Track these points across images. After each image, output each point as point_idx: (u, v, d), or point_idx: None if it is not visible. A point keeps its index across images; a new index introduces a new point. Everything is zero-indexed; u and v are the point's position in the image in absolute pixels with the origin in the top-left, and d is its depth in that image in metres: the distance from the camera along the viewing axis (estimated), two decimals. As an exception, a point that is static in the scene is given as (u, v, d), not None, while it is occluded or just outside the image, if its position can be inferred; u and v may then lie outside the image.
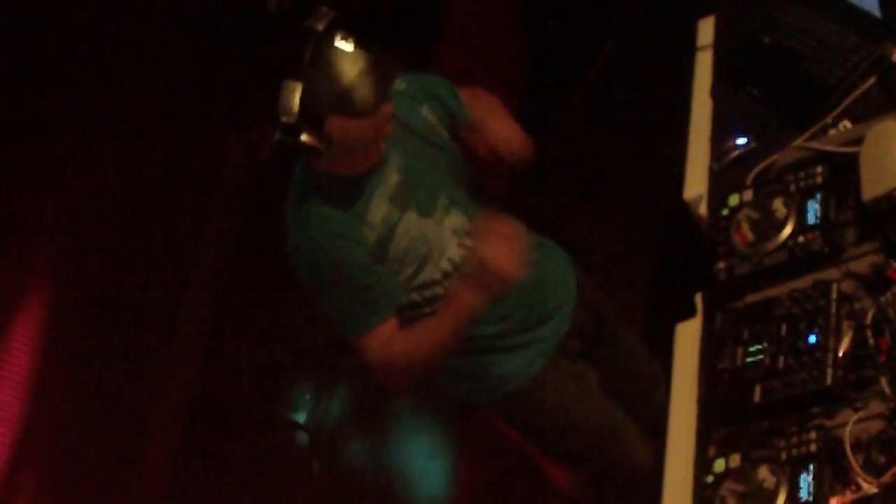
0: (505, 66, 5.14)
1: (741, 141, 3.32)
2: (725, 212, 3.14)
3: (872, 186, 2.78)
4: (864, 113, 3.11)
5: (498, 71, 5.00)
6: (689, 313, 3.17)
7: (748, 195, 3.12)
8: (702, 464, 2.81)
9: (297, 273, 3.11)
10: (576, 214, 4.77)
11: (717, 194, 3.25)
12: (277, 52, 2.95)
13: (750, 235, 3.02)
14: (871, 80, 3.17)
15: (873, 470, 2.51)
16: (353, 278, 3.06)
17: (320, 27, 2.90)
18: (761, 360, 2.81)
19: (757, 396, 2.77)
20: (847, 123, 3.15)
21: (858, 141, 2.93)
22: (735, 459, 2.72)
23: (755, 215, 3.05)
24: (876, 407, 2.59)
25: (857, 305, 2.76)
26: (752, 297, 2.95)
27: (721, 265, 3.05)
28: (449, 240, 3.17)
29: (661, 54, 3.68)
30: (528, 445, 3.59)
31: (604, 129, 4.75)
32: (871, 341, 2.67)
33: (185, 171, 4.93)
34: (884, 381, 2.60)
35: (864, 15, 3.23)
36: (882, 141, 2.84)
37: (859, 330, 2.70)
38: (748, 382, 2.80)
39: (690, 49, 3.72)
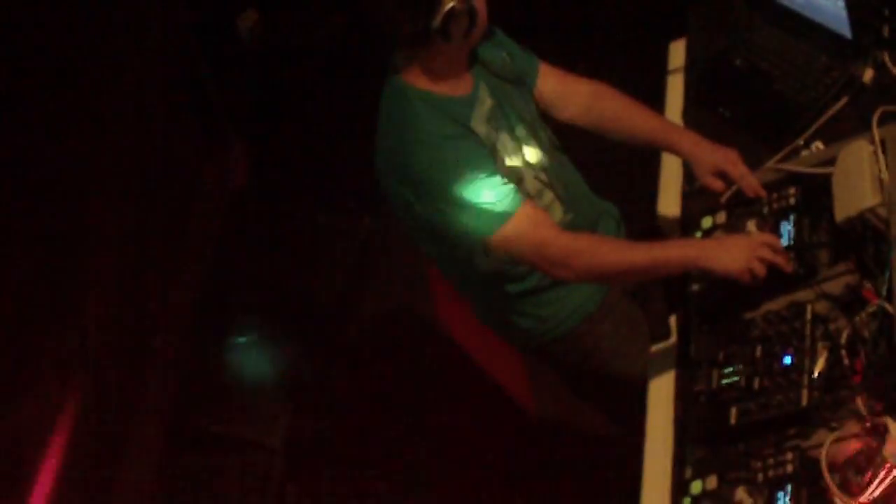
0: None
1: (714, 163, 3.32)
2: (699, 234, 3.15)
3: (845, 207, 2.79)
4: (837, 134, 3.12)
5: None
6: (664, 335, 3.17)
7: (721, 217, 3.13)
8: (679, 485, 2.81)
9: (397, 184, 3.07)
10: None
11: (690, 216, 3.26)
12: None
13: (724, 257, 3.02)
14: (843, 101, 3.19)
15: (850, 490, 2.51)
16: (483, 168, 3.02)
17: None
18: (737, 381, 2.81)
19: (733, 418, 2.77)
20: (819, 144, 3.17)
21: (831, 162, 2.94)
22: (712, 481, 2.72)
23: (729, 237, 3.05)
24: (852, 427, 2.58)
25: (831, 326, 2.76)
26: (727, 320, 2.95)
27: (695, 287, 3.05)
28: (526, 171, 3.18)
29: (632, 76, 3.69)
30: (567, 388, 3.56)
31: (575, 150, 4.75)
32: (846, 361, 2.67)
33: (156, 200, 4.90)
34: (859, 401, 2.60)
35: (834, 36, 3.25)
36: (854, 161, 2.84)
37: (834, 350, 2.70)
38: (724, 404, 2.80)
39: (662, 71, 3.74)
